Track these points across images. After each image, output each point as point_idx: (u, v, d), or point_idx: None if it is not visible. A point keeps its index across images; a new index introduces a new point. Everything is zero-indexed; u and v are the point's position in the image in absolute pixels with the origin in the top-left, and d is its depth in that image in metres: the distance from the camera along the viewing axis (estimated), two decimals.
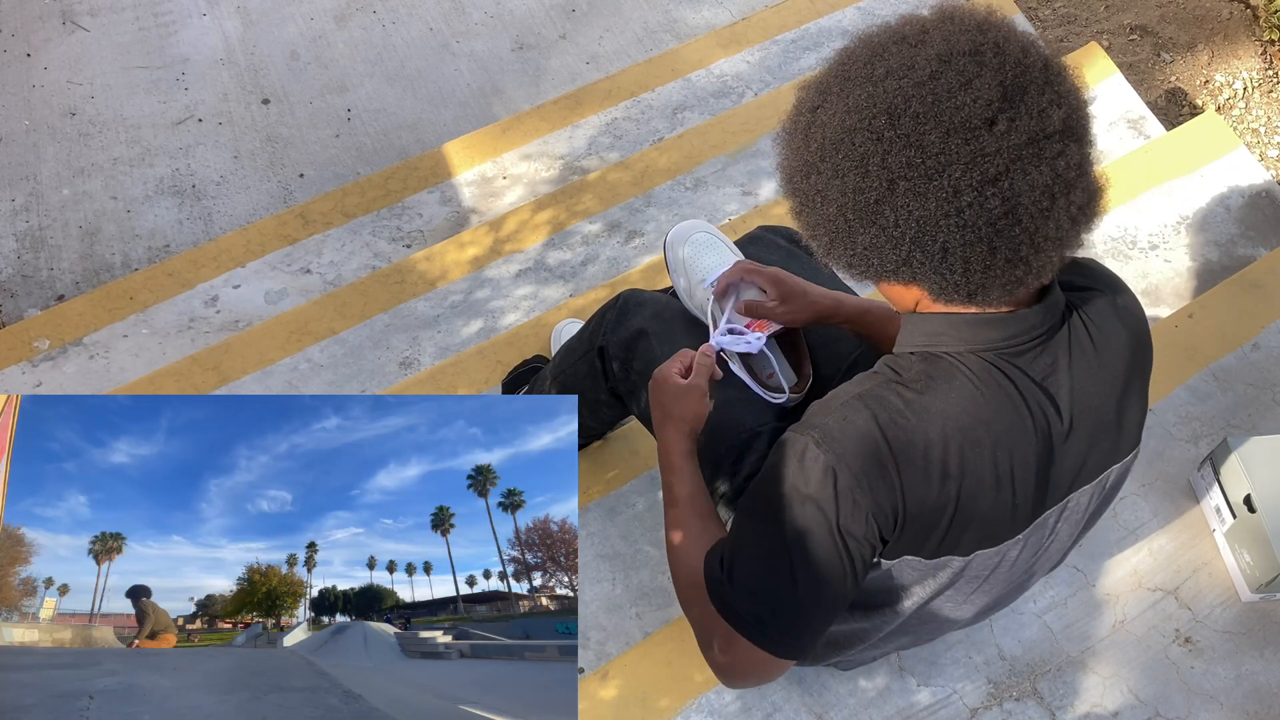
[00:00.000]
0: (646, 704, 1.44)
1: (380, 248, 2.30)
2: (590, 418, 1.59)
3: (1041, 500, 1.02)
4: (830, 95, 0.91)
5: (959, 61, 0.85)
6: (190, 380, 1.95)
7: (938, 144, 0.84)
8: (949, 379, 0.94)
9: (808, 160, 0.92)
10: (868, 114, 0.86)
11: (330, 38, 2.79)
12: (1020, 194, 0.84)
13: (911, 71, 0.85)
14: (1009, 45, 0.86)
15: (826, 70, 0.93)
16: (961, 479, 0.94)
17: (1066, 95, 0.87)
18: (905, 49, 0.87)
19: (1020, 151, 0.84)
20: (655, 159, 2.31)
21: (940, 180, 0.84)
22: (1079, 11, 2.83)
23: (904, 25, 0.90)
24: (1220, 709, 1.47)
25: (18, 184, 2.48)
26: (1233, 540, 1.58)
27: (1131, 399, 1.05)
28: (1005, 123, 0.83)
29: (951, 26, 0.88)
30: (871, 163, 0.86)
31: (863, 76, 0.88)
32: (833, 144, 0.89)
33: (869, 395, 0.95)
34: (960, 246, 0.87)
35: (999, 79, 0.84)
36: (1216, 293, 1.89)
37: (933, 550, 1.00)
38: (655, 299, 1.44)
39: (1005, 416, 0.95)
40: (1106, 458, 1.06)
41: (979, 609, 1.17)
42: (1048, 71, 0.86)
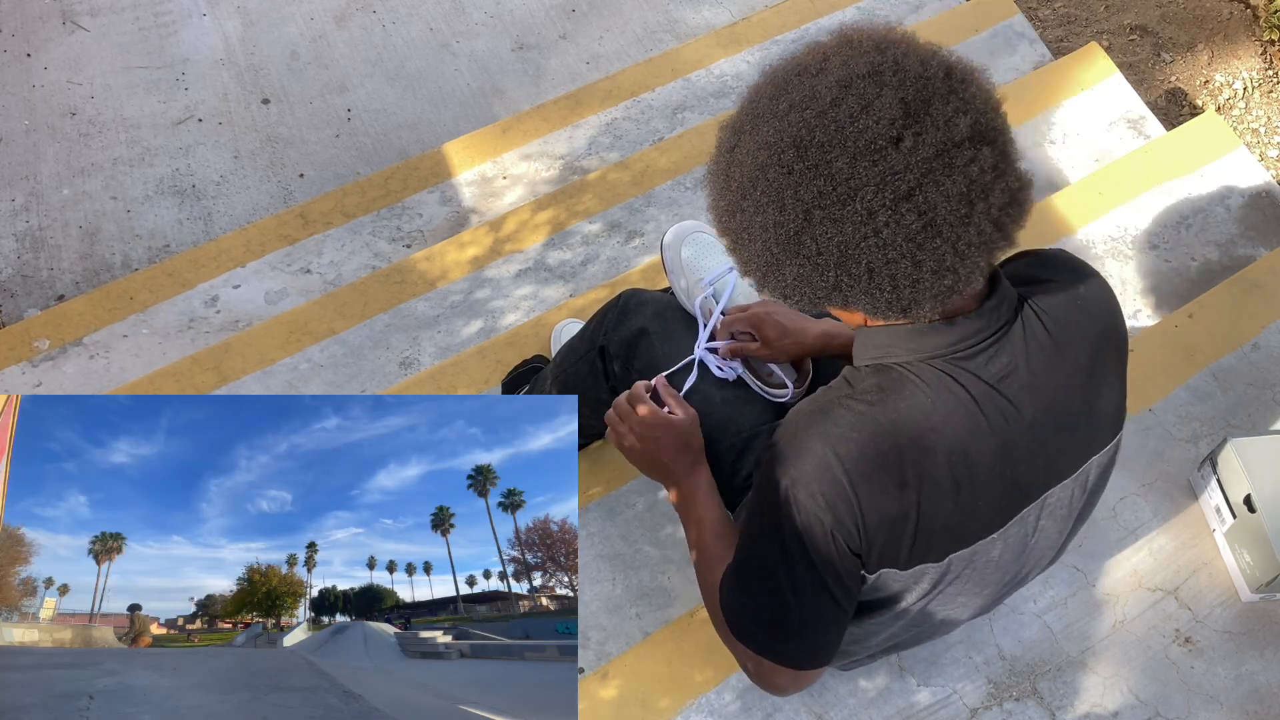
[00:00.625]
0: (646, 704, 1.44)
1: (380, 248, 2.30)
2: (591, 417, 1.59)
3: (1013, 499, 1.03)
4: (743, 134, 0.92)
5: (858, 85, 0.85)
6: (190, 380, 1.95)
7: (846, 169, 0.84)
8: (899, 389, 0.95)
9: (731, 200, 0.93)
10: (777, 149, 0.87)
11: (330, 38, 2.79)
12: (936, 206, 0.85)
13: (814, 101, 0.86)
14: (908, 61, 0.86)
15: (739, 109, 0.95)
16: (919, 487, 0.96)
17: (972, 101, 0.87)
18: (807, 80, 0.88)
19: (930, 164, 0.84)
20: (655, 159, 2.31)
21: (853, 204, 0.85)
22: (1079, 11, 2.83)
23: (805, 55, 0.91)
24: (1220, 709, 1.47)
25: (18, 184, 2.48)
26: (1233, 540, 1.58)
27: (1103, 388, 1.05)
28: (911, 138, 0.84)
29: (850, 51, 0.88)
30: (786, 196, 0.87)
31: (769, 112, 0.89)
32: (750, 181, 0.90)
33: (820, 414, 0.97)
34: (884, 265, 0.87)
35: (899, 96, 0.84)
36: (1216, 293, 1.89)
37: (906, 560, 1.01)
38: (656, 298, 1.44)
39: (957, 421, 0.95)
40: (1081, 450, 1.06)
41: (975, 609, 1.17)
42: (950, 80, 0.86)
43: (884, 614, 1.12)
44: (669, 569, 1.62)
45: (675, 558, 1.63)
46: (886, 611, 1.11)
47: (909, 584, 1.05)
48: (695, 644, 1.48)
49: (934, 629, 1.22)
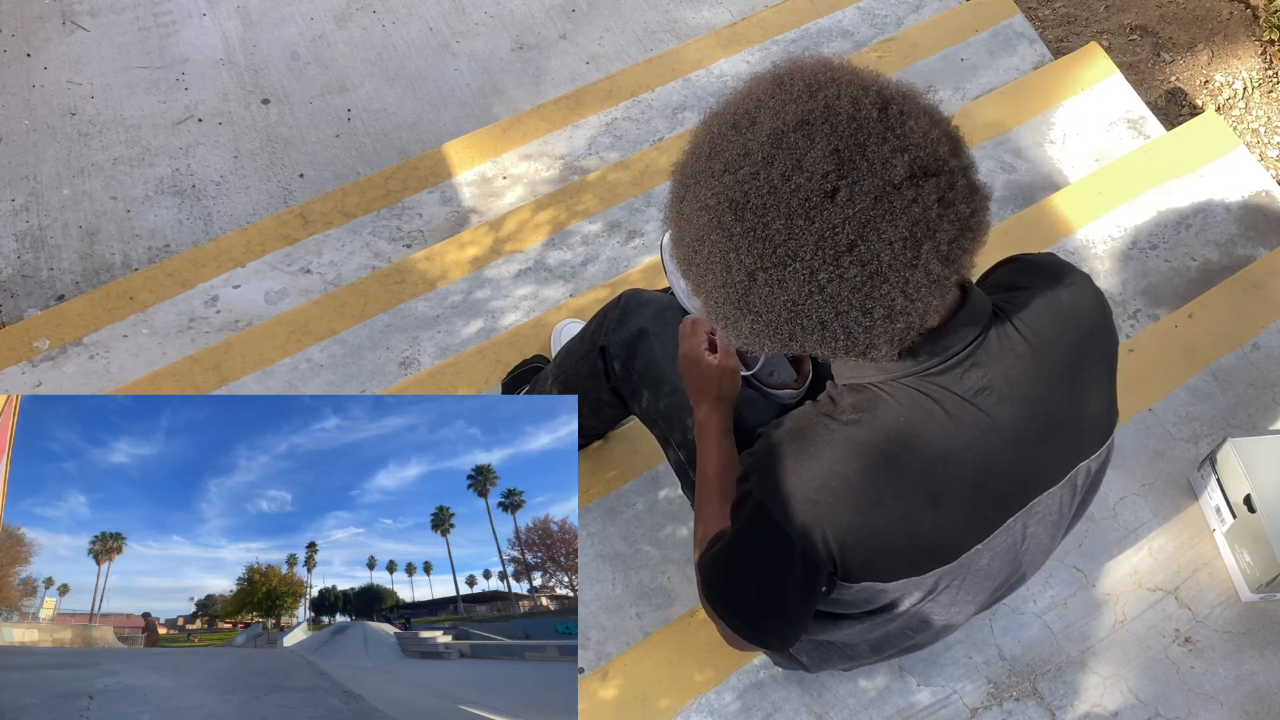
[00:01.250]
0: (646, 704, 1.44)
1: (380, 248, 2.30)
2: (592, 417, 1.59)
3: (997, 510, 1.03)
4: (687, 190, 0.91)
5: (789, 139, 0.83)
6: (190, 380, 1.95)
7: (783, 231, 0.83)
8: (873, 409, 0.95)
9: (684, 253, 0.93)
10: (715, 212, 0.86)
11: (330, 38, 2.79)
12: (879, 254, 0.83)
13: (746, 160, 0.84)
14: (839, 104, 0.83)
15: (683, 159, 0.94)
16: (895, 505, 0.96)
17: (910, 135, 0.83)
18: (739, 136, 0.86)
19: (868, 214, 0.82)
20: (655, 159, 2.31)
21: (794, 265, 0.84)
22: (1079, 11, 2.83)
23: (739, 104, 0.89)
24: (1220, 709, 1.47)
25: (18, 184, 2.48)
26: (1233, 540, 1.58)
27: (1088, 393, 1.04)
28: (847, 189, 0.81)
29: (781, 97, 0.86)
30: (730, 259, 0.87)
31: (706, 171, 0.88)
32: (696, 240, 0.90)
33: (798, 434, 0.98)
34: (834, 317, 0.86)
35: (832, 146, 0.82)
36: (1216, 293, 1.89)
37: (888, 574, 1.02)
38: (657, 299, 1.44)
39: (932, 438, 0.95)
40: (1068, 456, 1.05)
41: (970, 613, 1.18)
42: (885, 118, 0.83)
43: (879, 618, 1.13)
44: (669, 569, 1.62)
45: (675, 558, 1.63)
46: (881, 615, 1.12)
47: (897, 595, 1.06)
48: (695, 644, 1.48)
49: (933, 635, 1.22)
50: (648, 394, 1.39)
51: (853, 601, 1.09)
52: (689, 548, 1.64)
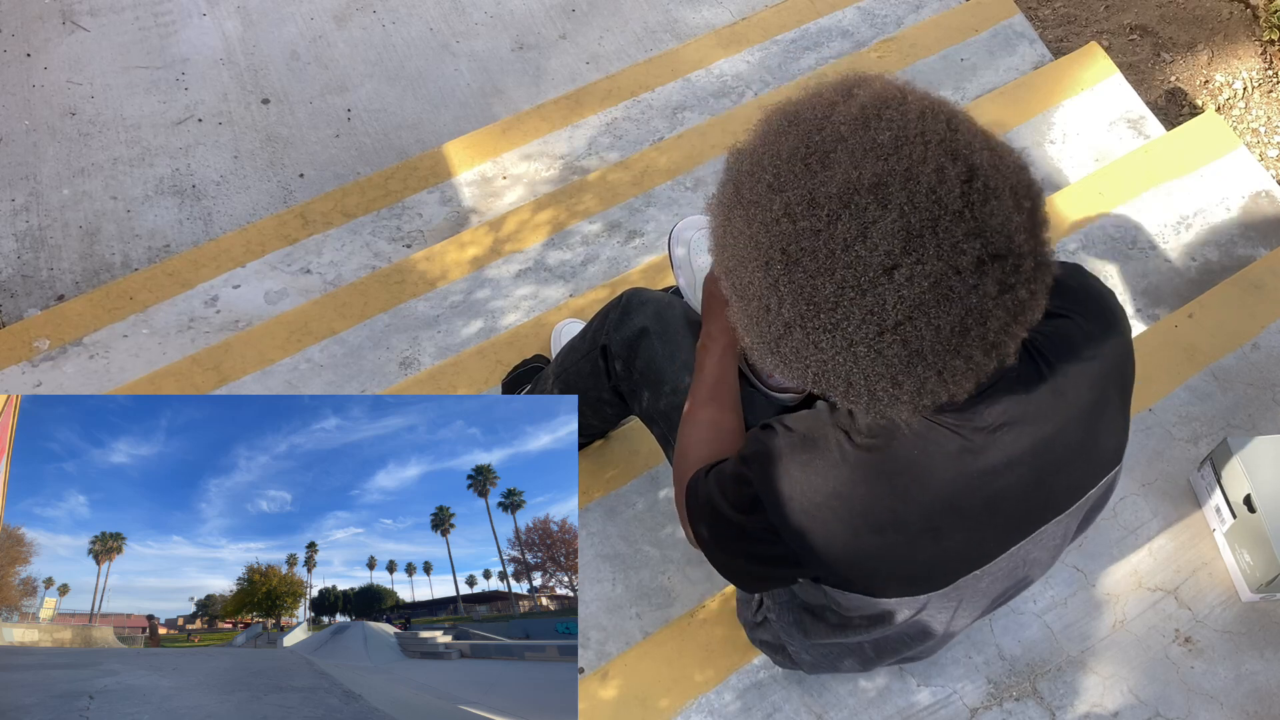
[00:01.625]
0: (646, 704, 1.44)
1: (380, 248, 2.30)
2: (593, 417, 1.59)
3: (1002, 541, 1.02)
4: (735, 211, 0.85)
5: (860, 201, 0.76)
6: (190, 380, 1.95)
7: (831, 299, 0.78)
8: (888, 436, 0.92)
9: (725, 264, 0.88)
10: (766, 254, 0.80)
11: (330, 38, 2.79)
12: (924, 337, 0.78)
13: (810, 213, 0.78)
14: (922, 170, 0.76)
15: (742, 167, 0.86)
16: (891, 534, 0.95)
17: (988, 219, 0.76)
18: (808, 178, 0.78)
19: (923, 297, 0.76)
20: (655, 159, 2.31)
21: (835, 333, 0.79)
22: (1079, 11, 2.83)
23: (813, 133, 0.81)
24: (1220, 709, 1.47)
25: (18, 184, 2.48)
26: (1233, 540, 1.58)
27: (1105, 423, 1.01)
28: (907, 269, 0.75)
29: (860, 143, 0.78)
30: (770, 303, 0.82)
31: (765, 205, 0.81)
32: (738, 265, 0.85)
33: (810, 441, 0.96)
34: (863, 381, 0.82)
35: (903, 222, 0.75)
36: (1216, 293, 1.89)
37: (880, 592, 1.02)
38: (658, 298, 1.44)
39: (943, 472, 0.93)
40: (1079, 485, 1.04)
41: (967, 623, 1.18)
42: (968, 194, 0.76)
43: (874, 629, 1.13)
44: (669, 569, 1.62)
45: (675, 558, 1.63)
46: (876, 628, 1.12)
47: (891, 608, 1.06)
48: (695, 644, 1.48)
49: (935, 645, 1.22)
50: (648, 393, 1.39)
51: (847, 606, 1.09)
52: (689, 548, 1.64)
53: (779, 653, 1.36)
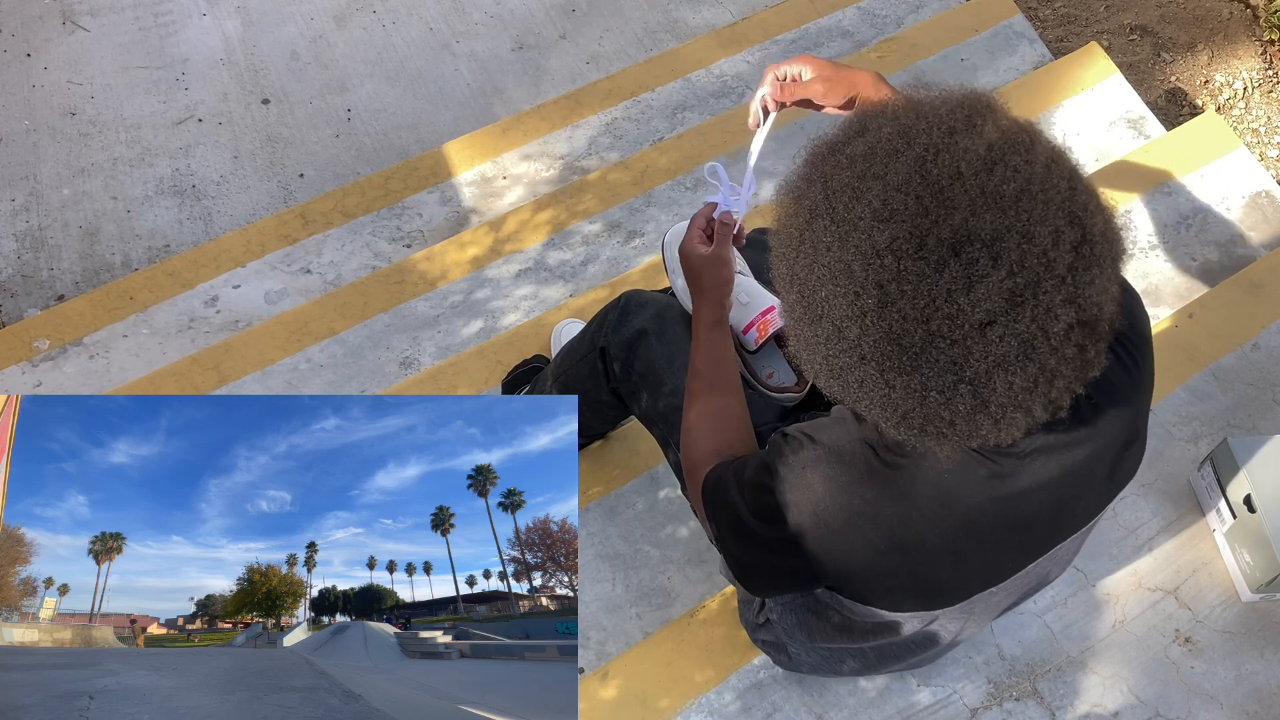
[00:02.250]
0: (646, 704, 1.44)
1: (380, 248, 2.30)
2: (592, 418, 1.59)
3: (1016, 563, 1.02)
4: (822, 222, 0.79)
5: (971, 251, 0.73)
6: (190, 380, 1.95)
7: (918, 345, 0.75)
8: (919, 457, 0.91)
9: (794, 273, 0.83)
10: (859, 283, 0.76)
11: (330, 38, 2.79)
12: (995, 392, 0.76)
13: (919, 252, 0.73)
14: (1039, 231, 0.73)
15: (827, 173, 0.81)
16: (914, 553, 0.94)
17: (1086, 289, 0.75)
18: (920, 216, 0.74)
19: (1008, 356, 0.74)
20: (655, 159, 2.31)
21: (911, 377, 0.77)
22: (1079, 11, 2.83)
23: (938, 156, 0.76)
24: (1220, 709, 1.47)
25: (18, 184, 2.48)
26: (1233, 540, 1.58)
27: (1130, 448, 1.01)
28: (1001, 328, 0.73)
29: (981, 190, 0.74)
30: (847, 333, 0.78)
31: (866, 227, 0.76)
32: (816, 280, 0.80)
33: (839, 453, 0.94)
34: (920, 420, 0.80)
35: (1010, 282, 0.72)
36: (1216, 293, 1.89)
37: (894, 607, 1.02)
38: (656, 299, 1.44)
39: (971, 497, 0.92)
40: (1097, 505, 1.04)
41: (974, 632, 1.18)
42: (1076, 261, 0.74)
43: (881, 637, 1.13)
44: (669, 569, 1.62)
45: (675, 558, 1.63)
46: (883, 636, 1.12)
47: (899, 619, 1.07)
48: (695, 644, 1.48)
49: (939, 652, 1.23)
50: (647, 395, 1.39)
51: (856, 613, 1.09)
52: (689, 548, 1.64)
53: (780, 653, 1.36)
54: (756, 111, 1.21)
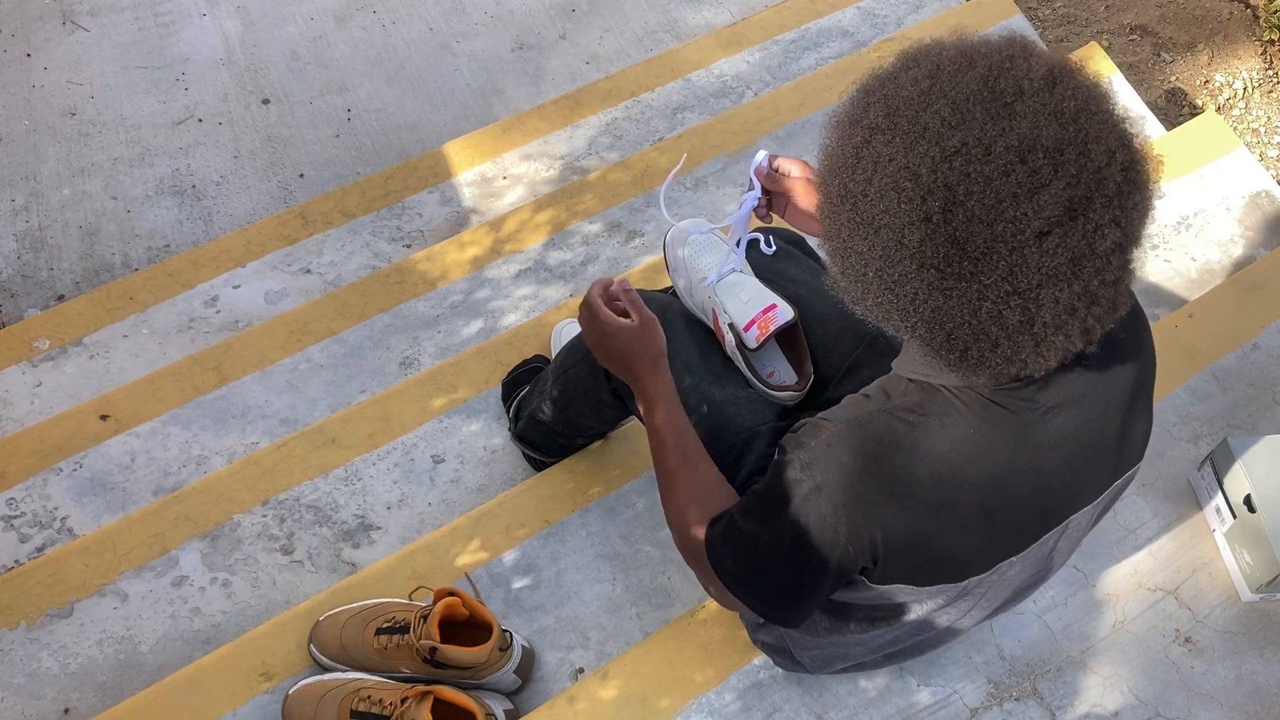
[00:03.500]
0: (646, 704, 1.44)
1: (380, 248, 2.30)
2: (592, 417, 1.59)
3: (1039, 527, 1.02)
4: (896, 132, 0.81)
5: (1035, 159, 0.76)
6: (190, 380, 1.95)
7: (981, 249, 0.78)
8: (943, 414, 0.92)
9: (851, 189, 0.85)
10: (926, 188, 0.79)
11: (330, 38, 2.79)
12: (1042, 308, 0.80)
13: (986, 160, 0.77)
14: (1096, 148, 0.77)
15: (907, 82, 0.83)
16: (948, 514, 0.95)
17: (1131, 212, 0.79)
18: (990, 118, 0.78)
19: (1059, 269, 0.78)
20: (655, 159, 2.31)
21: (970, 284, 0.80)
22: (1079, 11, 2.83)
23: (1002, 72, 0.79)
24: (1220, 709, 1.47)
25: (18, 184, 2.48)
26: (1233, 540, 1.58)
27: (1137, 416, 1.03)
28: (1056, 239, 0.77)
29: (1047, 101, 0.78)
30: (909, 240, 0.80)
31: (935, 134, 0.79)
32: (878, 194, 0.82)
33: (859, 424, 0.95)
34: (964, 338, 0.83)
35: (1069, 192, 0.76)
36: (1216, 293, 1.89)
37: (924, 579, 1.01)
38: (657, 299, 1.44)
39: (997, 454, 0.93)
40: (1106, 478, 1.05)
41: (977, 620, 1.18)
42: (1125, 183, 0.79)
43: (891, 623, 1.13)
44: (669, 569, 1.62)
45: (675, 558, 1.63)
46: (894, 620, 1.12)
47: (921, 598, 1.06)
48: (695, 644, 1.48)
49: (938, 639, 1.22)
50: None
51: (865, 598, 1.08)
52: None
53: (781, 654, 1.36)
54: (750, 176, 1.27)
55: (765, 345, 1.39)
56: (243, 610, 1.65)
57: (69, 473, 1.84)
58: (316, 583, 1.68)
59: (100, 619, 1.63)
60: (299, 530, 1.72)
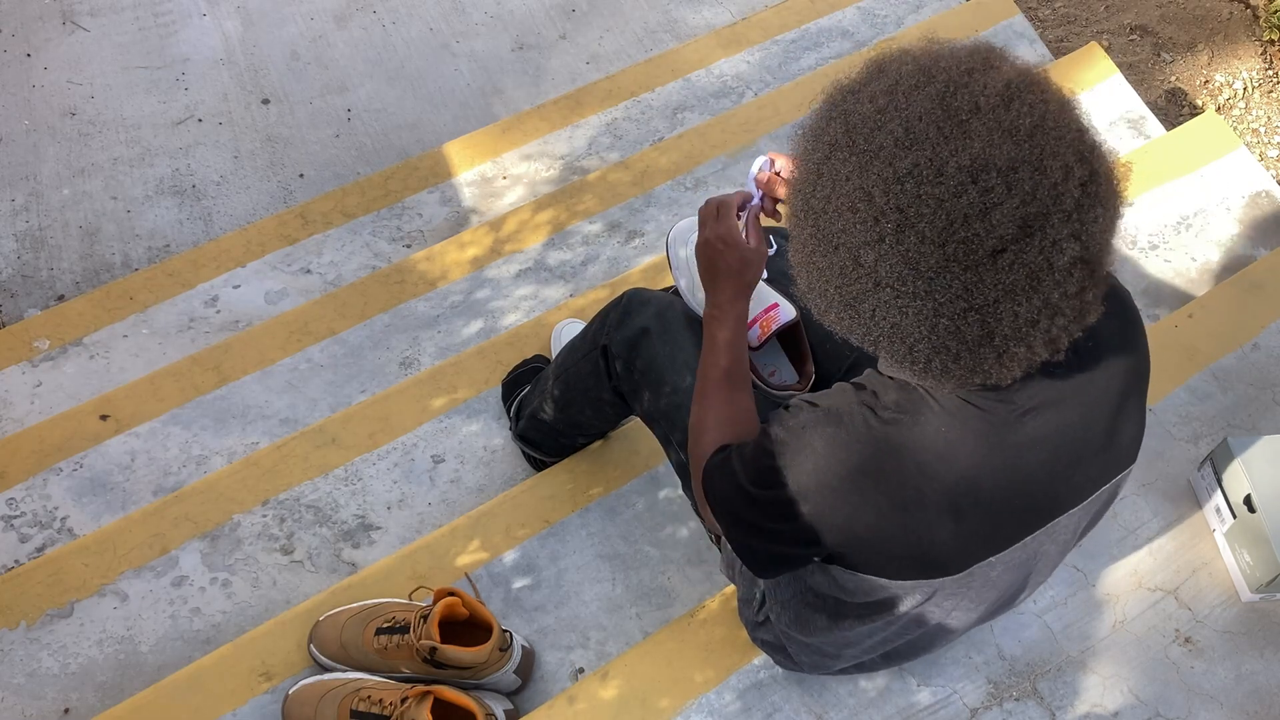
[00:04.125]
0: (646, 704, 1.44)
1: (380, 248, 2.30)
2: (593, 417, 1.59)
3: (1018, 528, 1.02)
4: (842, 155, 0.83)
5: (988, 179, 0.77)
6: (190, 380, 1.95)
7: (934, 269, 0.79)
8: (916, 412, 0.93)
9: (811, 206, 0.87)
10: (878, 209, 0.80)
11: (330, 38, 2.79)
12: (1002, 324, 0.81)
13: (938, 180, 0.78)
14: (1052, 164, 0.78)
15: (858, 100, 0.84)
16: (914, 512, 0.95)
17: (1091, 225, 0.80)
18: (940, 143, 0.78)
19: (1015, 285, 0.79)
20: (655, 159, 2.31)
21: (925, 301, 0.81)
22: (1079, 11, 2.83)
23: (957, 92, 0.80)
24: (1220, 709, 1.47)
25: (17, 184, 2.48)
26: (1233, 540, 1.58)
27: (1126, 418, 1.02)
28: (1011, 256, 0.78)
29: (999, 122, 0.78)
30: (863, 259, 0.82)
31: (888, 155, 0.80)
32: (835, 211, 0.83)
33: (837, 415, 0.96)
34: (925, 351, 0.85)
35: (1023, 211, 0.77)
36: (1216, 293, 1.89)
37: (894, 573, 1.02)
38: (658, 298, 1.44)
39: (970, 452, 0.93)
40: (1095, 479, 1.04)
41: (970, 622, 1.18)
42: (1083, 197, 0.79)
43: (882, 618, 1.12)
44: (669, 569, 1.62)
45: (675, 557, 1.63)
46: (885, 615, 1.11)
47: (898, 593, 1.06)
48: (695, 644, 1.48)
49: (930, 639, 1.22)
50: (649, 394, 1.39)
51: (853, 591, 1.08)
52: (689, 548, 1.64)
53: (780, 653, 1.36)
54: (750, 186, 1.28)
55: (767, 344, 1.40)
56: (243, 610, 1.65)
57: (69, 473, 1.84)
58: (316, 583, 1.68)
59: (100, 619, 1.63)
60: (299, 530, 1.72)
